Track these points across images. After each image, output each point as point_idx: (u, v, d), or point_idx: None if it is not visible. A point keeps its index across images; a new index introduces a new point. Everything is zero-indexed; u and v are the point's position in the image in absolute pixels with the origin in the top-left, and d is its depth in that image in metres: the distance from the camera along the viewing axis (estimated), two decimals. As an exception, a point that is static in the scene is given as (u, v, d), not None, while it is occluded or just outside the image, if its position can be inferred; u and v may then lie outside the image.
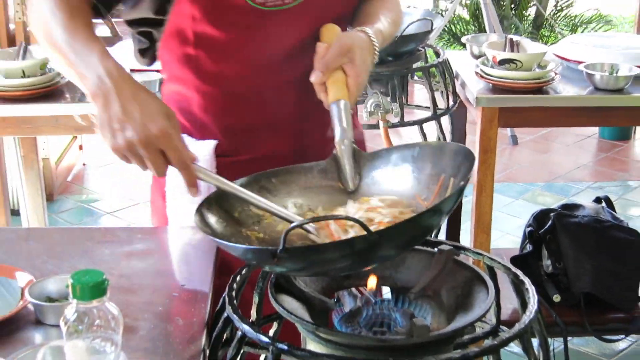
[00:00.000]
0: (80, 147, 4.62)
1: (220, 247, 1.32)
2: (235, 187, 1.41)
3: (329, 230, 1.37)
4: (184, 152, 1.34)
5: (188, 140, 1.66)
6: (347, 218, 1.27)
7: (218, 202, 1.41)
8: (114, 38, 3.11)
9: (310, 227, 1.38)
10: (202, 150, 1.69)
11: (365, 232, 1.15)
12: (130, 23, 1.74)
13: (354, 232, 1.31)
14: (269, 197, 1.46)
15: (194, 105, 1.73)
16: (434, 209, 1.26)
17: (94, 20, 1.65)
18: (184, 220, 1.70)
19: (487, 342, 1.27)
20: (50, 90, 2.66)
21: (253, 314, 1.40)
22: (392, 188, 1.46)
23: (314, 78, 1.52)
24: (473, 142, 2.59)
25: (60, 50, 1.50)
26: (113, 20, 2.93)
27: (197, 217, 1.34)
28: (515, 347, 1.28)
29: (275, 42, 1.66)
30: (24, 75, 2.64)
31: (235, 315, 1.27)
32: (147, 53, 1.76)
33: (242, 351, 1.29)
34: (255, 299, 1.42)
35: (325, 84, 1.51)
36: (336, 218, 1.31)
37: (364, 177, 1.48)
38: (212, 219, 1.38)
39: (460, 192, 1.28)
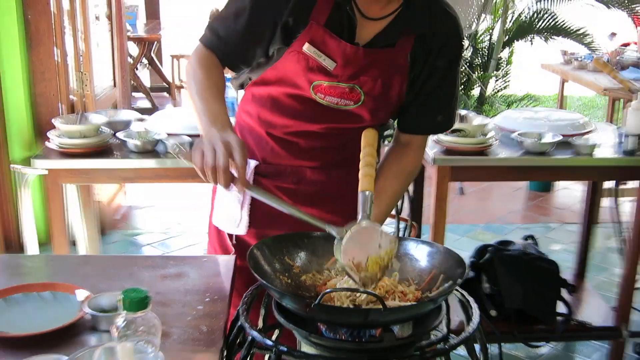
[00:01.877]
0: (125, 193, 4.62)
1: (263, 284, 1.32)
2: (284, 204, 1.43)
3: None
4: (242, 172, 1.32)
5: None
6: (370, 293, 1.25)
7: (265, 249, 1.43)
8: (152, 109, 3.13)
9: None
10: (248, 165, 1.66)
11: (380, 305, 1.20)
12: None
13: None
14: (299, 250, 1.48)
15: (248, 133, 1.74)
16: (432, 299, 1.30)
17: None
18: (225, 224, 1.77)
19: (440, 347, 1.31)
20: (103, 149, 2.66)
21: (260, 323, 1.43)
22: (393, 266, 1.41)
23: None
24: (429, 192, 2.59)
25: (192, 97, 1.54)
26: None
27: (251, 261, 1.35)
28: (461, 351, 1.32)
29: (323, 119, 1.64)
30: (82, 136, 2.65)
31: (246, 324, 1.30)
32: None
33: (251, 352, 1.30)
34: (262, 312, 1.45)
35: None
36: (357, 291, 1.28)
37: None
38: (262, 265, 1.39)
39: (449, 292, 1.31)
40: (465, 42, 1.64)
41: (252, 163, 1.69)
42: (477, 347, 1.32)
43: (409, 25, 1.57)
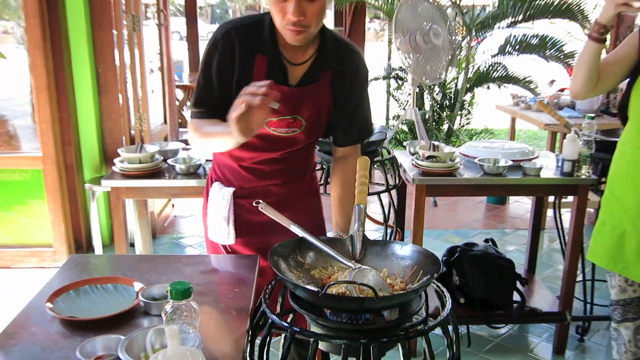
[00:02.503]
0: (173, 205, 4.61)
1: (280, 278, 1.31)
2: (295, 227, 1.44)
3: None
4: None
5: (218, 185, 1.76)
6: (365, 285, 1.25)
7: (282, 250, 1.42)
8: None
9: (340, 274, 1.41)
10: (227, 192, 1.73)
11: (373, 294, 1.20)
12: None
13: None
14: (309, 250, 1.47)
15: (225, 168, 1.77)
16: (414, 290, 1.28)
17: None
18: (217, 237, 1.78)
19: (420, 328, 1.30)
20: (156, 171, 2.68)
21: (278, 309, 1.42)
22: (383, 263, 1.43)
23: None
24: (410, 205, 2.57)
25: (211, 135, 1.56)
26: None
27: (272, 259, 1.35)
28: (437, 331, 1.28)
29: (278, 147, 1.67)
30: (139, 162, 2.66)
31: (267, 309, 1.30)
32: None
33: (271, 332, 1.28)
34: (279, 299, 1.42)
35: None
36: (355, 283, 1.27)
37: (367, 253, 1.45)
38: (280, 262, 1.37)
39: (427, 284, 1.30)
40: (369, 70, 1.68)
41: (230, 189, 1.73)
42: (450, 328, 1.30)
43: (325, 64, 1.62)
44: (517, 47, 5.62)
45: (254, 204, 1.49)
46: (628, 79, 1.96)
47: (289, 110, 1.60)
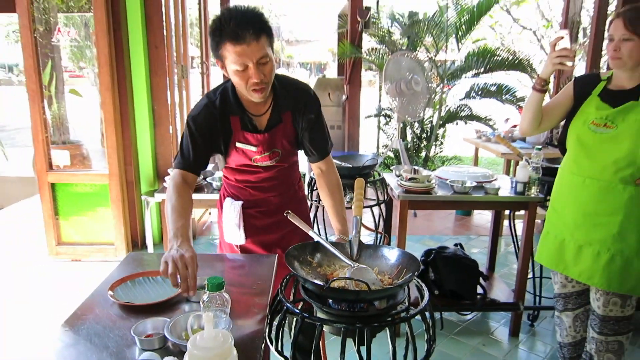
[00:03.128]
0: (209, 213, 4.60)
1: (294, 274, 1.28)
2: (313, 234, 1.43)
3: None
4: (192, 281, 1.26)
5: (230, 200, 1.77)
6: (360, 281, 1.22)
7: (295, 251, 1.40)
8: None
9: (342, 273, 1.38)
10: (237, 205, 1.74)
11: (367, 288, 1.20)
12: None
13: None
14: (316, 252, 1.44)
15: (233, 188, 1.78)
16: (399, 284, 1.25)
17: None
18: (231, 239, 1.79)
19: (404, 315, 1.27)
20: (196, 187, 2.65)
21: (291, 298, 1.38)
22: (375, 263, 1.41)
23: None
24: (396, 215, 2.55)
25: (166, 214, 1.51)
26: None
27: (287, 259, 1.32)
28: (418, 317, 1.24)
29: (269, 170, 1.70)
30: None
31: (283, 298, 1.27)
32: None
33: (285, 317, 1.25)
34: (292, 291, 1.40)
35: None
36: (352, 279, 1.25)
37: (362, 254, 1.43)
38: (293, 261, 1.35)
39: (410, 280, 1.26)
40: (320, 101, 1.67)
41: (239, 202, 1.74)
42: (427, 315, 1.28)
43: (283, 108, 1.62)
44: (479, 92, 5.63)
45: (284, 214, 1.48)
46: (564, 120, 1.97)
47: (265, 148, 1.62)
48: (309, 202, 2.50)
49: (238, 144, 1.61)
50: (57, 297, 3.11)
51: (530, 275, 2.85)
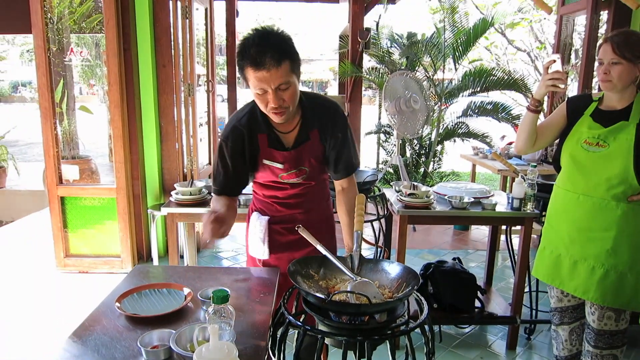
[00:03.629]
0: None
1: (296, 287, 1.30)
2: (321, 248, 1.42)
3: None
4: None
5: (257, 215, 1.75)
6: (361, 294, 1.22)
7: (297, 265, 1.40)
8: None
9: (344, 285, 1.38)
10: (263, 220, 1.72)
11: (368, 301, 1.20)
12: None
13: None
14: (318, 266, 1.44)
15: (261, 203, 1.76)
16: (399, 298, 1.27)
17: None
18: (256, 253, 1.76)
19: (403, 328, 1.27)
20: (202, 201, 2.68)
21: (293, 310, 1.37)
22: (375, 276, 1.41)
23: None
24: (395, 230, 2.55)
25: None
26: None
27: (290, 273, 1.33)
28: (417, 330, 1.24)
29: (293, 190, 1.68)
30: (190, 194, 2.66)
31: (285, 311, 1.27)
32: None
33: (287, 329, 1.25)
34: (294, 303, 1.39)
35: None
36: (353, 293, 1.25)
37: (363, 268, 1.42)
38: (296, 275, 1.36)
39: (410, 294, 1.28)
40: (345, 116, 1.66)
41: (265, 218, 1.72)
42: (426, 328, 1.27)
43: (311, 126, 1.60)
44: (476, 110, 5.66)
45: (295, 228, 1.48)
46: (558, 139, 1.98)
47: (292, 166, 1.60)
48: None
49: (265, 161, 1.59)
50: (65, 308, 3.09)
51: (526, 289, 2.84)
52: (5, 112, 18.04)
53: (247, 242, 1.81)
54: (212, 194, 1.67)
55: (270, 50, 1.35)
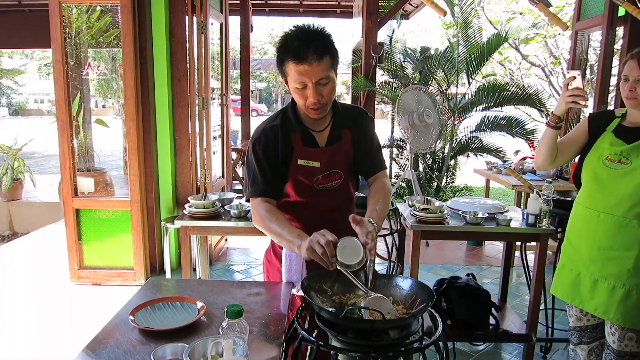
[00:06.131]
0: (226, 240, 4.60)
1: (309, 302, 1.27)
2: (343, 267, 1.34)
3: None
4: (329, 252, 1.29)
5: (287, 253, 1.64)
6: (375, 310, 1.20)
7: (310, 280, 1.38)
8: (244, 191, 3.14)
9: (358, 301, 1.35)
10: (299, 256, 1.59)
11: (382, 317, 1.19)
12: None
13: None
14: (331, 282, 1.41)
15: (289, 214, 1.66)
16: (414, 314, 1.24)
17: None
18: (294, 275, 1.65)
19: (417, 345, 1.25)
20: (215, 214, 2.69)
21: (306, 325, 1.36)
22: (389, 292, 1.39)
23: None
24: (409, 245, 2.53)
25: (279, 235, 1.47)
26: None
27: (302, 286, 1.32)
28: (431, 347, 1.22)
29: (325, 201, 1.62)
30: (203, 207, 2.67)
31: (299, 326, 1.25)
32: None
33: (301, 344, 1.24)
34: (307, 318, 1.38)
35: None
36: (367, 309, 1.22)
37: (376, 283, 1.39)
38: (309, 290, 1.34)
39: (424, 310, 1.25)
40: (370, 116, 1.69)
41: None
42: (441, 344, 1.25)
43: (342, 125, 1.61)
44: (490, 125, 5.65)
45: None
46: (579, 156, 1.96)
47: (327, 166, 1.57)
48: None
49: (300, 161, 1.55)
50: (79, 320, 3.11)
51: (542, 306, 2.79)
52: (23, 125, 18.42)
53: (266, 272, 1.76)
54: (250, 198, 1.57)
55: (313, 44, 1.39)
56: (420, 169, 6.05)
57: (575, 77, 1.75)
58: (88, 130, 5.03)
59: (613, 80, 3.91)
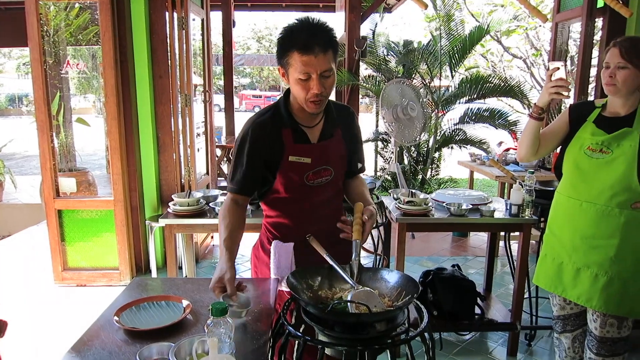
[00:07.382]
0: (212, 237, 4.57)
1: (295, 296, 1.29)
2: (328, 258, 1.40)
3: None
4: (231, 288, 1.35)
5: (277, 242, 1.64)
6: (360, 303, 1.21)
7: (296, 275, 1.38)
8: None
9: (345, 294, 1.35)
10: (289, 246, 1.62)
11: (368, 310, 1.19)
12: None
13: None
14: (317, 275, 1.42)
15: (274, 226, 1.68)
16: (399, 307, 1.26)
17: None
18: (284, 271, 1.64)
19: (403, 337, 1.26)
20: (200, 212, 2.67)
21: (293, 320, 1.36)
22: (375, 285, 1.39)
23: (340, 225, 1.49)
24: (394, 237, 2.55)
25: (219, 232, 1.54)
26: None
27: (288, 281, 1.33)
28: (418, 338, 1.23)
29: (315, 196, 1.61)
30: (188, 205, 2.65)
31: (285, 322, 1.25)
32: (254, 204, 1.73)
33: (287, 339, 1.25)
34: (294, 313, 1.38)
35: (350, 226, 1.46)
36: (353, 302, 1.23)
37: (362, 277, 1.40)
38: (293, 282, 1.34)
39: (409, 303, 1.26)
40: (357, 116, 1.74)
41: (290, 245, 1.62)
42: (427, 336, 1.27)
43: (334, 123, 1.62)
44: (473, 117, 5.69)
45: (306, 237, 1.46)
46: (560, 146, 1.99)
47: (318, 162, 1.57)
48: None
49: (291, 158, 1.54)
50: (63, 322, 3.07)
51: (526, 295, 2.84)
52: (2, 126, 18.04)
53: (254, 268, 1.76)
54: (228, 193, 1.59)
55: (320, 36, 1.41)
56: (405, 162, 6.08)
57: (559, 68, 1.76)
58: (69, 129, 4.95)
59: (593, 71, 3.96)
